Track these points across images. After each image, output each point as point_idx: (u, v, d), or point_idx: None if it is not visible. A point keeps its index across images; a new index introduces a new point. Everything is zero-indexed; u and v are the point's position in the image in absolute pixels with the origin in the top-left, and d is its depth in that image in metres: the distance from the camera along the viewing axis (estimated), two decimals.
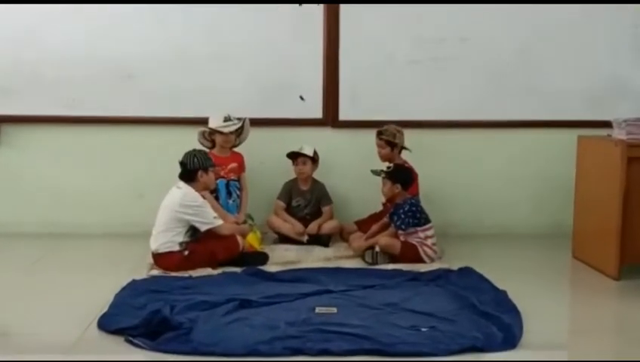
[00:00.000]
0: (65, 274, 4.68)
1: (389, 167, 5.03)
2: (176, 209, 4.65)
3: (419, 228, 4.90)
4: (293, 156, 5.49)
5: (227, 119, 5.31)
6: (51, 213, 5.68)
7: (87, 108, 5.61)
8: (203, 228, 4.71)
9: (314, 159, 5.49)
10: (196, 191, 4.75)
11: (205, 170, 4.79)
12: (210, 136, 5.38)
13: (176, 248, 4.63)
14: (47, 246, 5.29)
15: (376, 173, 5.04)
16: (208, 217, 4.73)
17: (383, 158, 5.34)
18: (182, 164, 4.78)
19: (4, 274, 4.66)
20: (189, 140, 5.17)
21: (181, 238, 4.65)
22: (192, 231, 4.71)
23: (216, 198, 5.24)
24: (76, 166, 5.72)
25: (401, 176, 5.00)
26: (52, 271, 4.76)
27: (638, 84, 5.75)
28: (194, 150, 4.85)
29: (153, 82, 5.61)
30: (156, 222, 4.71)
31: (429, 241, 4.91)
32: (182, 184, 4.75)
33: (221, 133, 5.30)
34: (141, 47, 5.58)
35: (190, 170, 4.75)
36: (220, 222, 4.78)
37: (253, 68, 5.65)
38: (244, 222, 5.26)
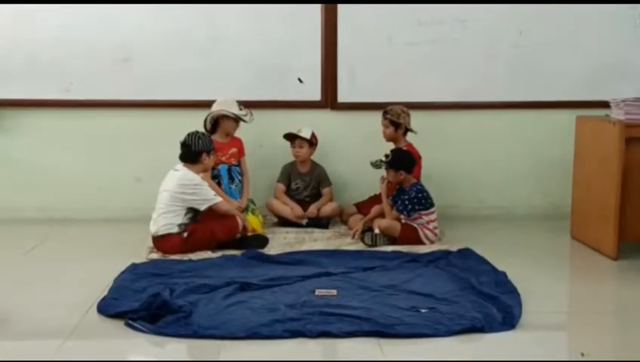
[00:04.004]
0: (64, 259, 4.67)
1: (387, 156, 4.95)
2: (175, 190, 4.65)
3: (423, 213, 4.89)
4: (291, 138, 5.48)
5: (240, 107, 5.29)
6: (49, 198, 5.68)
7: (84, 92, 5.59)
8: (203, 206, 4.70)
9: (311, 142, 5.48)
10: (195, 173, 4.75)
11: (209, 153, 4.79)
12: (216, 121, 5.34)
13: (175, 230, 4.63)
14: (45, 231, 5.29)
15: (376, 165, 4.98)
16: (207, 195, 4.73)
17: (387, 138, 5.32)
18: (185, 145, 4.75)
19: (3, 260, 4.66)
20: (187, 123, 5.13)
21: (180, 220, 4.65)
22: (192, 213, 4.71)
23: (219, 184, 5.24)
24: (74, 150, 5.71)
25: (402, 161, 4.95)
26: (51, 256, 4.76)
27: (636, 64, 5.73)
28: (197, 132, 4.81)
29: (151, 65, 5.59)
30: (156, 206, 4.71)
31: (431, 225, 4.91)
32: (179, 166, 4.74)
33: (242, 121, 5.29)
34: (138, 30, 5.56)
35: (195, 152, 4.74)
36: (219, 199, 4.78)
37: (251, 50, 5.63)
38: (247, 206, 5.26)
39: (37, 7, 5.48)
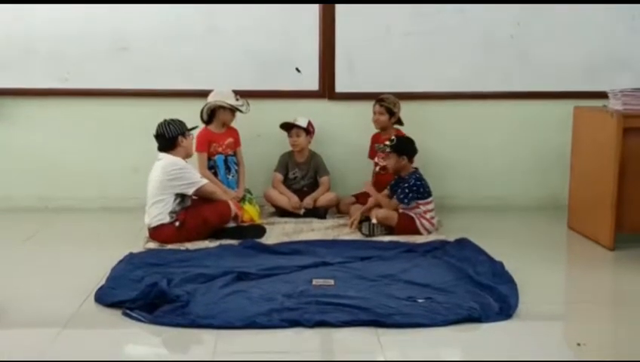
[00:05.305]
0: (61, 249, 4.68)
1: (392, 140, 4.97)
2: (161, 177, 4.64)
3: (420, 202, 4.89)
4: (287, 127, 5.47)
5: (236, 97, 5.28)
6: (46, 188, 5.67)
7: (81, 81, 5.58)
8: (190, 190, 4.69)
9: (308, 131, 5.47)
10: (179, 158, 4.73)
11: (184, 135, 4.76)
12: (212, 112, 5.32)
13: (167, 219, 4.62)
14: (42, 220, 5.29)
15: (381, 148, 4.99)
16: (193, 177, 4.72)
17: (380, 126, 5.35)
18: (159, 136, 4.73)
19: (0, 249, 4.65)
20: (184, 113, 5.10)
21: (170, 207, 4.64)
22: (181, 198, 4.70)
23: (215, 175, 5.24)
24: (71, 139, 5.70)
25: (407, 147, 4.96)
26: (48, 245, 4.76)
27: (634, 55, 5.72)
28: (165, 120, 4.77)
29: (148, 55, 5.57)
30: (147, 198, 4.71)
31: (428, 215, 4.91)
32: (162, 155, 4.73)
33: (239, 111, 5.29)
34: (136, 19, 5.53)
35: (170, 138, 4.71)
36: (205, 180, 4.77)
37: (249, 40, 5.61)
38: (244, 196, 5.26)
39: None
